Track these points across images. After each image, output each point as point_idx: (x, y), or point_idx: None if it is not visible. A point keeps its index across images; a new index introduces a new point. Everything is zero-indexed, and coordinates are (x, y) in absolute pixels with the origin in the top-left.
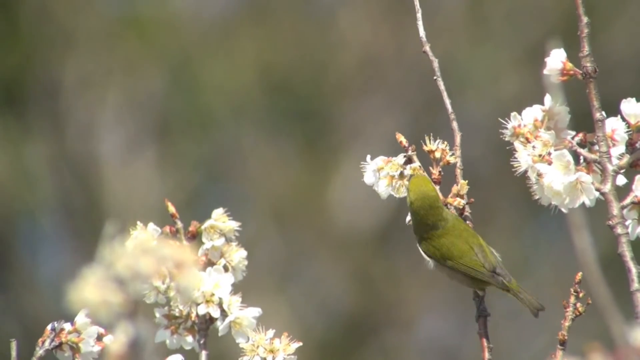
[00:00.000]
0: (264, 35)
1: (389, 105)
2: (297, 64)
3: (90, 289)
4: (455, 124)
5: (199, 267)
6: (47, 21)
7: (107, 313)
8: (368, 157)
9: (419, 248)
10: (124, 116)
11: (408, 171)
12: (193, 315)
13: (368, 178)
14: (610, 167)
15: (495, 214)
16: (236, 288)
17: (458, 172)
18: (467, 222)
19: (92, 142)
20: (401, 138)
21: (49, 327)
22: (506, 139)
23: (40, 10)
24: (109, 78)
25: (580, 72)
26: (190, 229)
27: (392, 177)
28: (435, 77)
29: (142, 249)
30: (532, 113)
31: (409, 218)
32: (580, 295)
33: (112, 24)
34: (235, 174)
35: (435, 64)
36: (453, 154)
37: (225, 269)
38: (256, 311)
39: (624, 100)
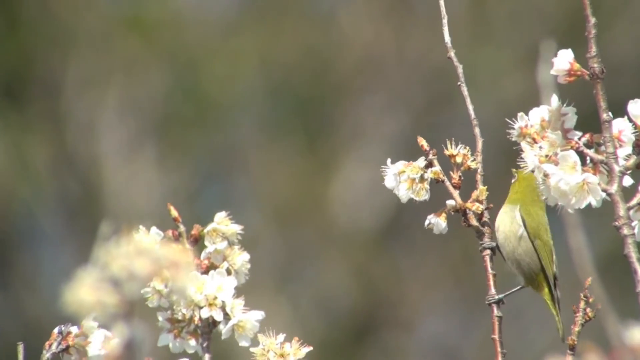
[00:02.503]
0: (266, 35)
1: (390, 105)
2: (298, 64)
3: (86, 290)
4: (477, 130)
5: (194, 267)
6: (49, 20)
7: (103, 314)
8: (388, 160)
9: (518, 213)
10: (125, 115)
11: (428, 175)
12: (196, 319)
13: (389, 182)
14: (616, 168)
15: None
16: (238, 289)
17: (479, 177)
18: (485, 227)
19: (93, 142)
20: (422, 142)
21: (55, 330)
22: (513, 139)
23: (42, 9)
24: (110, 77)
25: (588, 72)
26: (193, 232)
27: (413, 180)
28: (459, 83)
29: (137, 250)
30: (539, 113)
31: (427, 222)
32: (590, 300)
33: (113, 24)
34: (237, 173)
35: (460, 70)
36: (474, 160)
37: (228, 272)
38: (259, 314)
39: (630, 101)
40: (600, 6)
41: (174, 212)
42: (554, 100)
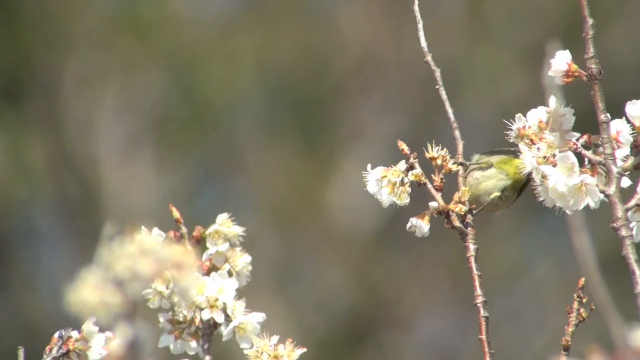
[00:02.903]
0: (264, 35)
1: (388, 105)
2: (296, 64)
3: (89, 290)
4: (457, 133)
5: (197, 268)
6: (47, 20)
7: (106, 314)
8: (369, 166)
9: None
10: (122, 115)
11: (410, 178)
12: (197, 320)
13: (371, 187)
14: (614, 169)
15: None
16: (239, 291)
17: (460, 180)
18: (469, 228)
19: (90, 142)
20: (403, 145)
21: (56, 334)
22: (511, 141)
23: (40, 9)
24: (107, 77)
25: (585, 73)
26: (195, 234)
27: (394, 184)
28: (437, 87)
29: (140, 250)
30: (537, 115)
31: (409, 225)
32: (584, 300)
33: (111, 24)
34: (235, 174)
35: (437, 74)
36: (455, 162)
37: (230, 274)
38: (260, 316)
39: (628, 102)
40: (598, 7)
41: (176, 214)
42: (552, 101)
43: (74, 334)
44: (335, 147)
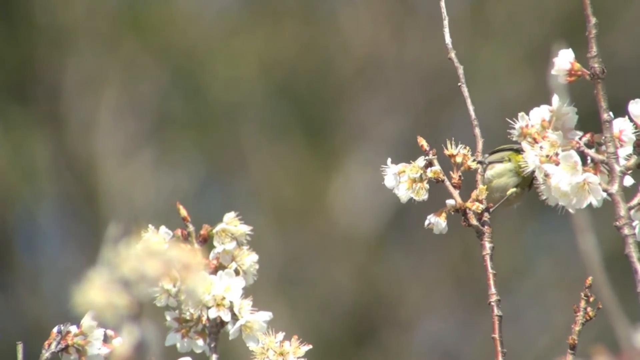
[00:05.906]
0: (266, 36)
1: (391, 106)
2: (299, 65)
3: (96, 292)
4: (477, 130)
5: (205, 269)
6: (49, 21)
7: (113, 315)
8: (389, 160)
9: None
10: (125, 115)
11: (428, 174)
12: (204, 319)
13: (389, 181)
14: (617, 168)
15: (497, 213)
16: (246, 291)
17: (479, 177)
18: (485, 226)
19: (93, 142)
20: (422, 142)
21: (55, 329)
22: (514, 139)
23: (42, 10)
24: (109, 78)
25: (588, 72)
26: (202, 232)
27: (413, 180)
28: (459, 84)
29: (147, 252)
30: (540, 113)
31: (427, 222)
32: (591, 299)
33: (113, 24)
34: (236, 174)
35: (460, 71)
36: (474, 160)
37: (237, 272)
38: (267, 315)
39: (631, 101)
40: (601, 6)
41: (183, 212)
42: (555, 100)
43: (73, 329)
44: (338, 148)
